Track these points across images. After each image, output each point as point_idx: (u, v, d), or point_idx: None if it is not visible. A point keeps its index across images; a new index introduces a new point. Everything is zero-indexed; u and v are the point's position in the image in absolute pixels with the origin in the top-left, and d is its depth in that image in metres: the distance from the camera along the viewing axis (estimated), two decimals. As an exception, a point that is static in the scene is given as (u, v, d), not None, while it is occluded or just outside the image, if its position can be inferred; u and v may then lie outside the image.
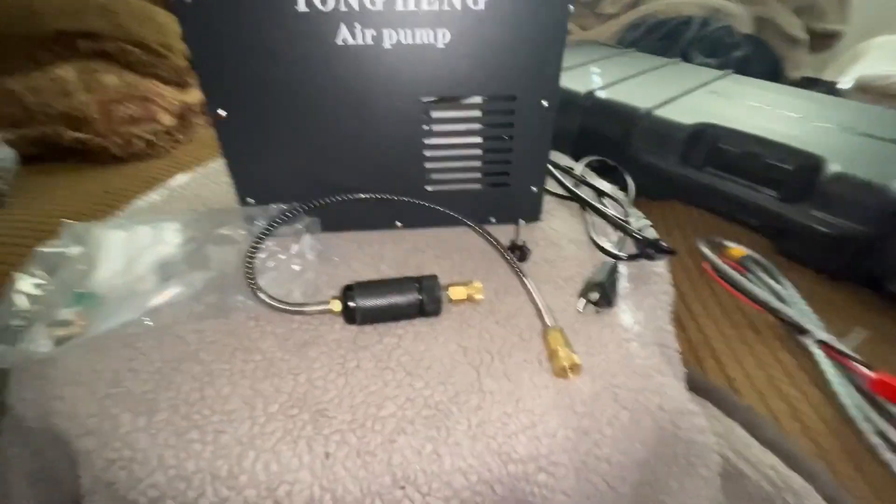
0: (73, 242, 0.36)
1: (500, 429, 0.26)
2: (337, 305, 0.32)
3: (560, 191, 0.50)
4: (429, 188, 0.43)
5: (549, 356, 0.30)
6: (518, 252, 0.40)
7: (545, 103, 0.39)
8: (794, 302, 0.43)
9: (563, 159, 0.59)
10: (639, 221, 0.39)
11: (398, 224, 0.44)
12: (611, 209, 0.45)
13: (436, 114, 0.39)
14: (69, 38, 0.72)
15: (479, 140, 0.41)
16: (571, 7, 0.36)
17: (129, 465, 0.24)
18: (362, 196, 0.40)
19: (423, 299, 0.33)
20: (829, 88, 0.92)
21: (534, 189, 0.44)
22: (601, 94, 0.61)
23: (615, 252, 0.39)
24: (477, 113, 0.40)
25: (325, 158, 0.39)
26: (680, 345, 0.43)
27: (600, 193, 0.49)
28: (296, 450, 0.24)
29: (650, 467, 0.30)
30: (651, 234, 0.37)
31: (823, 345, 0.37)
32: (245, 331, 0.32)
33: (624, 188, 0.52)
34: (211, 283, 0.35)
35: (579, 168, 0.53)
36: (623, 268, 0.39)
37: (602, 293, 0.34)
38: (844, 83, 0.87)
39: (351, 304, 0.32)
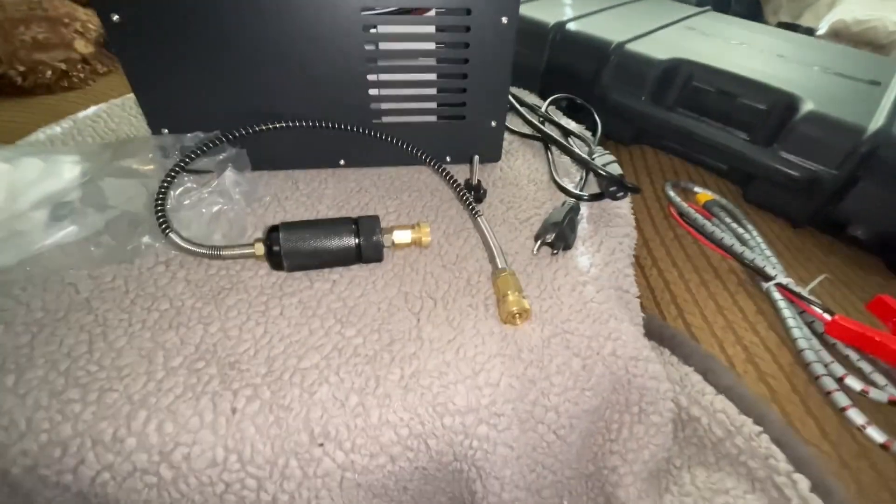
0: (-61, 175, 0.30)
1: (436, 378, 0.23)
2: (260, 249, 0.28)
3: (523, 129, 0.46)
4: (375, 121, 0.38)
5: (497, 301, 0.27)
6: (473, 192, 0.37)
7: (504, 20, 0.34)
8: (758, 247, 0.41)
9: (529, 97, 0.54)
10: (603, 158, 0.36)
11: (341, 162, 0.40)
12: (576, 149, 0.42)
13: (379, 29, 0.34)
14: (-47, -59, 0.60)
15: (430, 63, 0.36)
16: None
17: (-8, 430, 0.20)
18: (294, 124, 0.35)
19: (360, 243, 0.29)
20: (807, 33, 0.89)
21: (493, 124, 0.39)
22: (571, 27, 0.56)
23: (576, 192, 0.36)
24: (426, 29, 0.34)
25: (250, 80, 0.34)
26: (640, 291, 0.42)
27: (566, 133, 0.46)
28: (197, 407, 0.21)
29: (601, 415, 0.29)
30: (615, 170, 0.34)
31: (783, 288, 0.36)
32: (152, 277, 0.28)
33: (592, 130, 0.49)
34: (113, 223, 0.30)
35: (544, 106, 0.49)
36: (584, 209, 0.36)
37: (558, 234, 0.31)
38: (821, 29, 0.84)
39: (276, 247, 0.28)
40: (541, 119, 0.47)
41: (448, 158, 0.41)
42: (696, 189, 0.49)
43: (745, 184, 0.50)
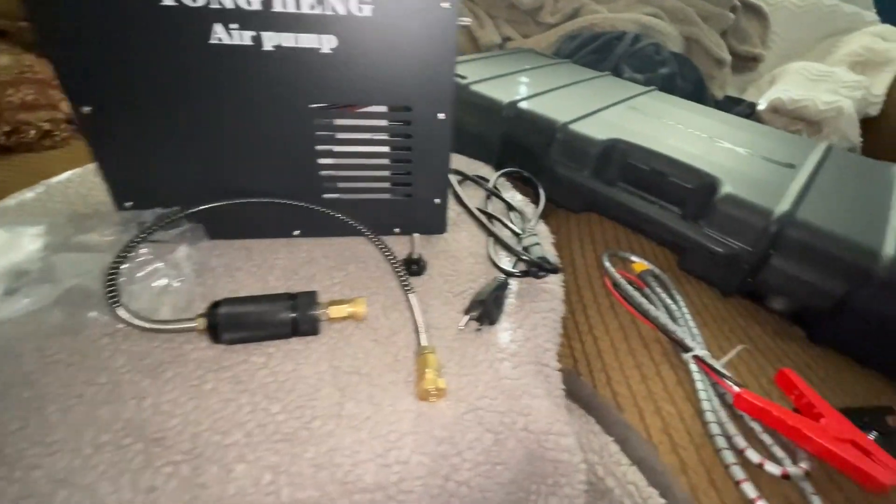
0: None
1: (348, 457, 0.25)
2: (202, 323, 0.30)
3: (473, 200, 0.49)
4: (326, 196, 0.41)
5: (416, 378, 0.30)
6: (415, 266, 0.40)
7: (441, 116, 0.38)
8: (683, 318, 0.44)
9: (482, 169, 0.59)
10: (528, 239, 0.39)
11: (296, 233, 0.43)
12: (512, 225, 0.46)
13: (327, 121, 0.38)
14: (-46, 12, 0.65)
15: (375, 150, 0.40)
16: (465, 21, 0.36)
17: (-85, 508, 0.21)
18: (247, 201, 0.38)
19: (296, 318, 0.31)
20: (750, 108, 0.97)
21: (437, 201, 0.43)
22: (523, 105, 0.62)
23: (506, 269, 0.39)
24: (371, 122, 0.38)
25: (211, 161, 0.37)
26: (575, 358, 0.44)
27: (510, 207, 0.49)
28: (117, 485, 0.22)
29: (520, 486, 0.30)
30: (537, 252, 0.38)
31: (699, 360, 0.38)
32: (96, 349, 0.30)
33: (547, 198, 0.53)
34: (65, 297, 0.32)
35: (492, 180, 0.53)
36: (515, 283, 0.39)
37: (483, 311, 0.33)
38: (761, 105, 0.93)
39: (216, 322, 0.30)
40: (488, 193, 0.51)
41: (397, 230, 0.44)
42: (633, 258, 0.53)
43: (680, 253, 0.54)
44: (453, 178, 0.52)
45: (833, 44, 1.05)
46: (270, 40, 0.33)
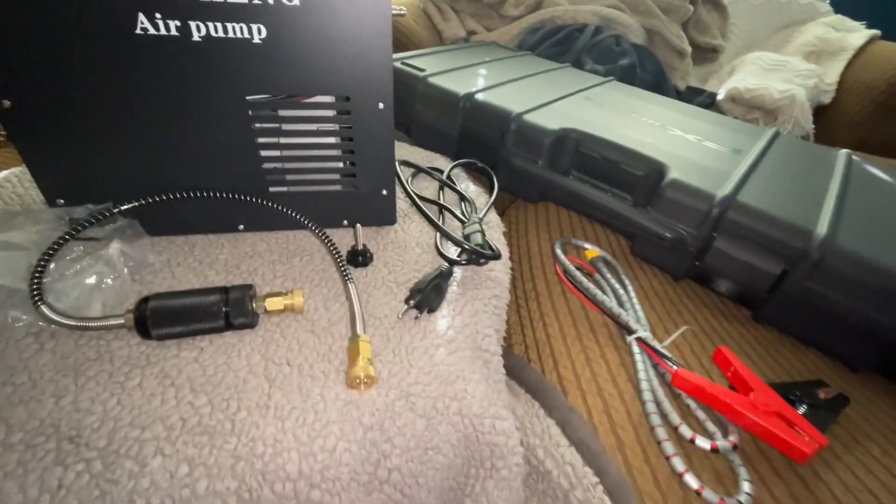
0: None
1: (270, 446, 0.25)
2: (129, 319, 0.30)
3: (425, 192, 0.49)
4: (273, 189, 0.41)
5: (348, 367, 0.29)
6: (360, 257, 0.40)
7: (381, 105, 0.38)
8: (630, 303, 0.45)
9: (439, 161, 0.59)
10: (470, 227, 0.40)
11: (241, 227, 0.42)
12: (467, 214, 0.46)
13: (268, 113, 0.37)
14: None
15: (318, 141, 0.40)
16: (400, 10, 0.35)
17: None
18: (185, 195, 0.37)
19: (228, 311, 0.31)
20: (711, 98, 0.99)
21: (384, 192, 0.43)
22: (479, 97, 0.62)
23: (450, 257, 0.39)
24: (312, 113, 0.38)
25: (145, 156, 0.36)
26: (526, 344, 0.45)
27: (462, 197, 0.50)
28: (24, 485, 0.22)
29: (455, 471, 0.30)
30: (477, 240, 0.38)
31: (641, 342, 0.39)
32: (17, 349, 0.29)
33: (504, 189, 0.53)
34: (-13, 296, 0.31)
35: (446, 172, 0.53)
36: (459, 272, 0.39)
37: (422, 298, 0.34)
38: (721, 94, 0.94)
39: (143, 318, 0.30)
40: (441, 184, 0.51)
41: (345, 222, 0.44)
42: (587, 246, 0.53)
43: (632, 240, 0.55)
44: (406, 170, 0.52)
45: (789, 34, 1.08)
46: (198, 30, 0.32)
